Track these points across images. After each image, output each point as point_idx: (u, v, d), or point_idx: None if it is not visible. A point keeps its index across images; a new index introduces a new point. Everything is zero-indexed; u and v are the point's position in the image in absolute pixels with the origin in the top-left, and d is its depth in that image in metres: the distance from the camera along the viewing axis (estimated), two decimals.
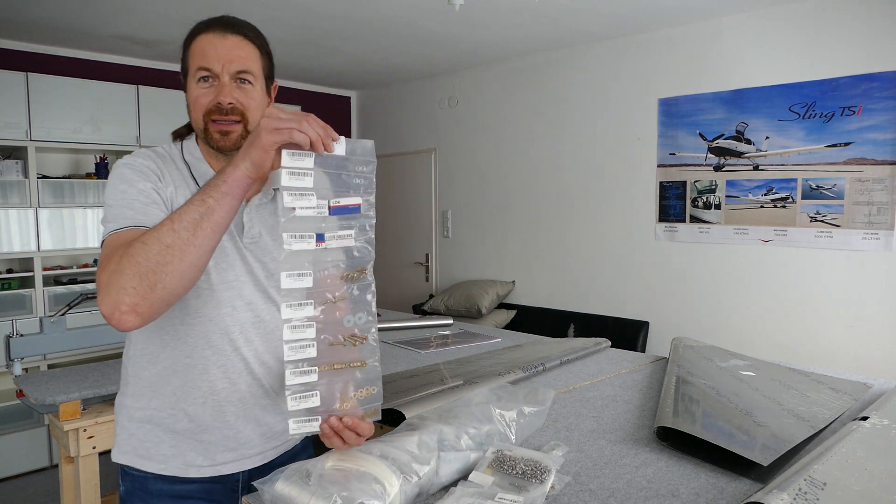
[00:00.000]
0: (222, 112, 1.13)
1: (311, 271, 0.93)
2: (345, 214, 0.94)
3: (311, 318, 0.94)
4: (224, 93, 1.12)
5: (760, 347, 3.46)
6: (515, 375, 1.73)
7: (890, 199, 3.07)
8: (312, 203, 0.92)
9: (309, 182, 0.91)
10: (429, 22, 3.64)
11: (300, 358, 0.93)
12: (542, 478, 1.02)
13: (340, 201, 0.94)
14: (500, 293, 4.61)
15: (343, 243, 0.94)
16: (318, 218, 0.93)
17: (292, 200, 0.90)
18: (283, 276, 0.91)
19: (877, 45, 3.06)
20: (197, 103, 1.14)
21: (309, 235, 0.92)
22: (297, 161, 0.91)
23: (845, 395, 1.54)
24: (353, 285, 0.96)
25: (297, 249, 0.91)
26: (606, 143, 4.12)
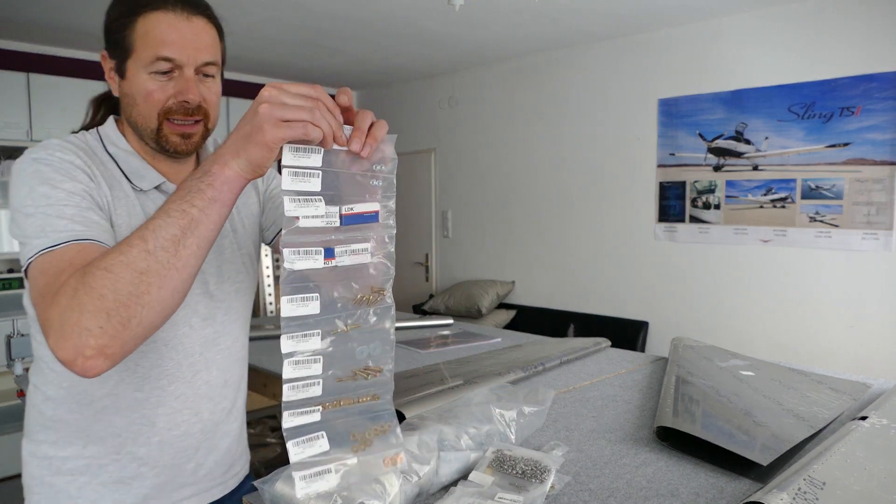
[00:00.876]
0: (186, 112, 0.95)
1: (319, 294, 0.76)
2: (359, 224, 0.77)
3: (317, 353, 0.77)
4: (191, 89, 0.94)
5: (760, 347, 3.46)
6: (515, 375, 1.73)
7: (889, 199, 3.07)
8: (320, 211, 0.74)
9: (316, 184, 0.74)
10: (429, 22, 3.64)
11: (301, 398, 0.76)
12: (542, 478, 1.02)
13: (354, 208, 0.77)
14: (500, 293, 4.62)
15: (357, 259, 0.77)
16: (327, 229, 0.76)
17: (295, 208, 0.73)
18: (284, 302, 0.74)
19: (876, 46, 3.06)
20: (151, 98, 0.94)
21: (316, 251, 0.75)
22: (301, 158, 0.73)
23: (845, 394, 1.54)
24: (368, 310, 0.79)
25: (300, 269, 0.75)
26: (606, 143, 4.12)
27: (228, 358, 1.09)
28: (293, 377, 0.76)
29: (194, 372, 1.04)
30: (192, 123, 0.97)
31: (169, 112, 0.95)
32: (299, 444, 0.75)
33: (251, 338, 2.37)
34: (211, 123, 1.00)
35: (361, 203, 0.78)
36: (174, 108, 0.95)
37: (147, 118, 0.96)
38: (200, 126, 0.99)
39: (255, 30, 3.80)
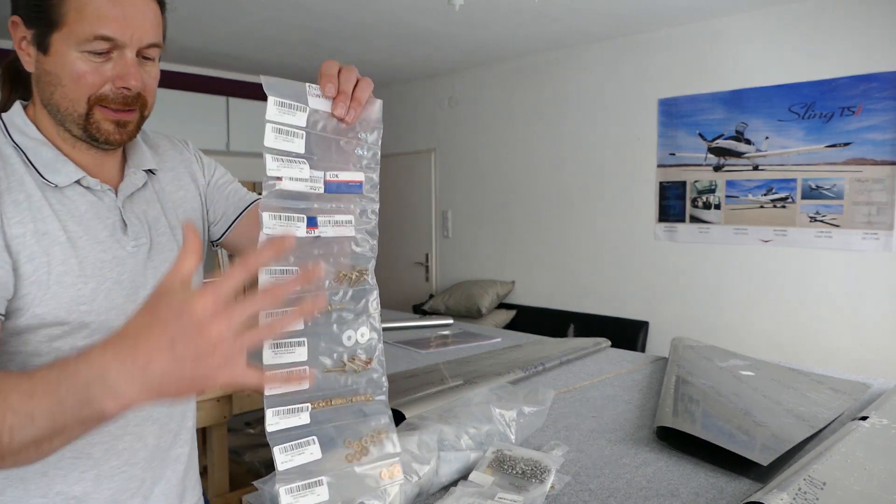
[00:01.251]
0: (125, 101, 0.83)
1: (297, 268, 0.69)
2: (343, 193, 0.72)
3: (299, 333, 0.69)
4: (133, 75, 0.82)
5: (760, 347, 3.46)
6: (515, 375, 1.73)
7: (889, 199, 3.07)
8: (305, 174, 0.69)
9: (300, 145, 0.69)
10: (429, 22, 3.64)
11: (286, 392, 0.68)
12: (542, 477, 1.02)
13: (339, 175, 0.71)
14: (500, 293, 4.62)
15: (340, 232, 0.72)
16: (310, 195, 0.70)
17: (279, 167, 0.67)
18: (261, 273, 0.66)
19: (876, 46, 3.06)
20: (82, 82, 0.80)
21: (298, 218, 0.69)
22: (286, 115, 0.68)
23: (845, 394, 1.54)
24: (349, 290, 0.73)
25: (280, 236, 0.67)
26: (606, 143, 4.12)
27: None
28: (275, 363, 0.66)
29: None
30: (127, 111, 0.84)
31: (103, 99, 0.81)
32: (287, 451, 0.66)
33: None
34: (147, 111, 0.88)
35: (346, 171, 0.72)
36: (111, 95, 0.81)
37: (74, 102, 0.81)
38: (136, 113, 0.86)
39: (255, 30, 3.80)
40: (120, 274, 0.85)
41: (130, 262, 0.87)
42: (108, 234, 0.86)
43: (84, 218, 0.84)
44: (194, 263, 0.57)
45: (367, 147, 0.74)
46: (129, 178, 0.91)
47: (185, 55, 4.42)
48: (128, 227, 0.88)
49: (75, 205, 0.84)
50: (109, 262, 0.85)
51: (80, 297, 0.81)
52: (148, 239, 0.90)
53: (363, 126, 0.73)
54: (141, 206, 0.91)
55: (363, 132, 0.73)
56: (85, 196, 0.85)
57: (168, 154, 1.01)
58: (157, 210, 0.93)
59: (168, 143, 1.03)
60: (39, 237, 0.79)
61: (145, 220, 0.91)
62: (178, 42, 4.04)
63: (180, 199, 0.98)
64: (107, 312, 0.83)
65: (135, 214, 0.90)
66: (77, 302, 0.81)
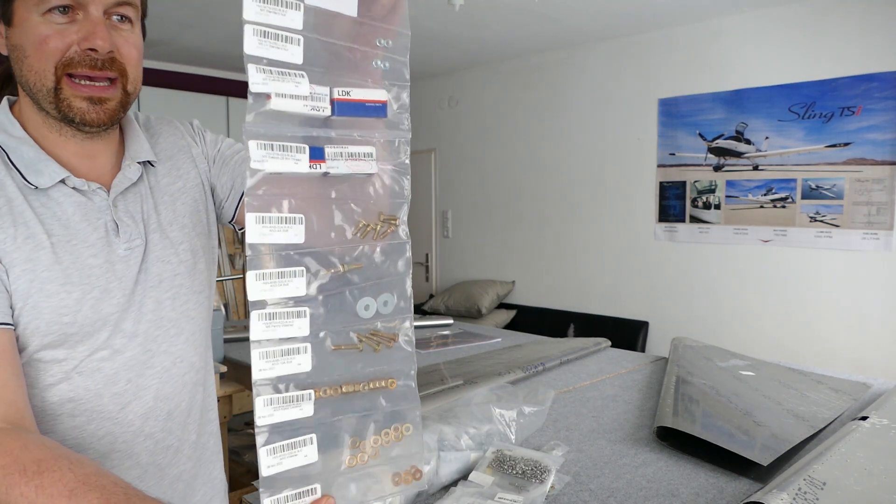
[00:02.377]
0: (94, 65, 0.72)
1: (302, 214, 0.55)
2: (359, 116, 0.56)
3: (301, 300, 0.55)
4: (99, 33, 0.72)
5: (760, 347, 3.46)
6: (515, 375, 1.73)
7: (889, 199, 3.07)
8: (303, 90, 0.53)
9: (296, 53, 0.53)
10: (429, 22, 3.64)
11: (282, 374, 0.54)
12: (542, 478, 1.02)
13: (352, 93, 0.55)
14: (500, 293, 4.62)
15: (357, 168, 0.55)
16: (312, 119, 0.54)
17: (265, 80, 0.52)
18: (250, 222, 0.53)
19: (876, 46, 3.06)
20: (45, 47, 0.71)
21: (298, 148, 0.53)
22: (272, 13, 0.52)
23: (845, 394, 1.54)
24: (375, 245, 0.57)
25: (273, 171, 0.53)
26: (606, 143, 4.12)
27: (171, 383, 0.86)
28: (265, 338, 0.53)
29: (122, 405, 0.81)
30: (104, 84, 0.75)
31: (70, 65, 0.72)
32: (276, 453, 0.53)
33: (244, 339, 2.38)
34: (130, 84, 0.78)
35: (362, 87, 0.55)
36: (77, 59, 0.72)
37: (41, 74, 0.73)
38: (116, 89, 0.76)
39: None
40: (109, 281, 0.79)
41: (121, 266, 0.81)
42: (98, 236, 0.79)
43: (71, 220, 0.78)
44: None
45: (391, 58, 0.56)
46: (123, 172, 0.83)
47: (185, 55, 4.42)
48: (120, 228, 0.81)
49: (61, 207, 0.78)
50: (99, 267, 0.78)
51: (62, 307, 0.75)
52: (142, 239, 0.83)
53: (382, 28, 0.56)
54: (135, 204, 0.84)
55: (382, 38, 0.56)
56: (72, 197, 0.79)
57: (168, 141, 0.93)
58: (150, 205, 0.86)
59: (169, 129, 0.95)
60: (21, 243, 0.74)
61: (140, 219, 0.84)
62: (178, 42, 4.04)
63: (178, 191, 0.90)
64: (92, 324, 0.78)
65: (128, 213, 0.83)
66: (59, 313, 0.75)
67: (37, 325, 0.74)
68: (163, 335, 0.85)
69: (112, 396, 0.81)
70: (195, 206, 0.92)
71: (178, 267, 0.87)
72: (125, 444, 0.83)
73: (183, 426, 0.89)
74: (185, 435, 0.90)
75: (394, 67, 0.57)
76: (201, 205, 0.93)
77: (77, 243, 0.78)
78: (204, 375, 0.94)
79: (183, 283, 0.88)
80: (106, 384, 0.81)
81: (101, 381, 0.80)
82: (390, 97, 0.57)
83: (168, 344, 0.86)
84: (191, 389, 0.90)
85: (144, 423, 0.84)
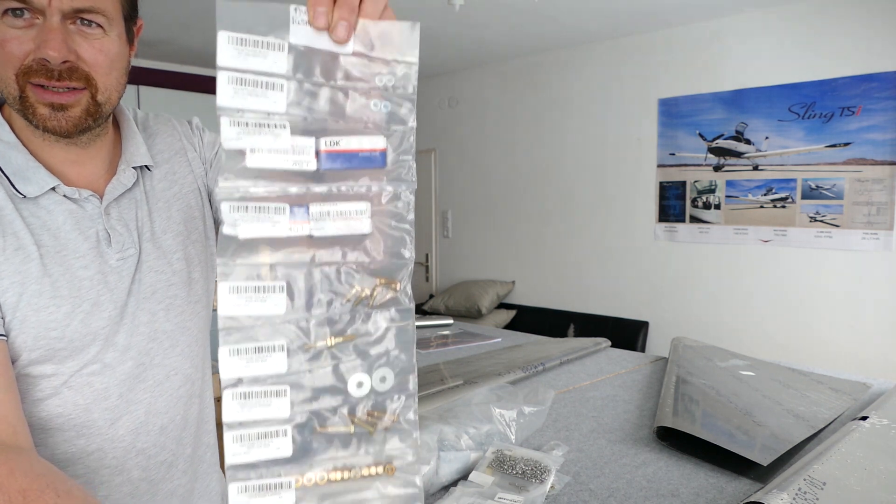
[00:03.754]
0: (50, 75, 0.69)
1: (284, 281, 0.48)
2: (352, 169, 0.48)
3: (280, 379, 0.48)
4: (51, 42, 0.68)
5: (760, 347, 3.46)
6: (515, 375, 1.73)
7: (889, 199, 3.07)
8: (283, 143, 0.46)
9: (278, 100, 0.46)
10: (429, 22, 3.64)
11: (259, 459, 0.47)
12: (542, 478, 1.02)
13: (341, 142, 0.48)
14: (500, 293, 4.62)
15: (349, 228, 0.48)
16: (294, 175, 0.47)
17: (239, 134, 0.45)
18: (222, 291, 0.46)
19: (876, 46, 3.06)
20: (3, 52, 0.69)
21: (276, 208, 0.47)
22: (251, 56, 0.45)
23: (845, 394, 1.54)
24: (371, 314, 0.50)
25: (247, 237, 0.46)
26: (606, 143, 4.12)
27: (163, 397, 0.83)
28: (236, 421, 0.46)
29: (112, 420, 0.79)
30: (64, 91, 0.70)
31: (28, 73, 0.69)
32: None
33: None
34: (100, 95, 0.73)
35: (354, 135, 0.48)
36: (35, 67, 0.68)
37: (5, 81, 0.70)
38: (81, 96, 0.71)
39: None
40: (100, 294, 0.76)
41: (113, 277, 0.78)
42: (89, 246, 0.76)
43: (62, 230, 0.75)
44: None
45: (392, 96, 0.48)
46: (118, 178, 0.80)
47: (185, 55, 4.42)
48: (112, 238, 0.78)
49: (52, 216, 0.75)
50: (90, 279, 0.76)
51: (50, 321, 0.73)
52: (136, 248, 0.80)
53: (382, 63, 0.48)
54: (130, 211, 0.81)
55: (382, 73, 0.48)
56: (62, 205, 0.76)
57: (165, 143, 0.90)
58: (144, 212, 0.83)
59: (166, 130, 0.91)
60: (10, 255, 0.71)
61: (135, 227, 0.81)
62: (179, 42, 4.04)
63: (172, 197, 0.87)
64: (81, 339, 0.75)
65: (122, 221, 0.80)
66: (47, 327, 0.73)
67: (24, 340, 0.72)
68: (156, 348, 0.83)
69: (102, 412, 0.79)
70: (190, 212, 0.88)
71: (171, 277, 0.84)
72: (115, 460, 0.80)
73: (177, 440, 0.87)
74: (179, 449, 0.87)
75: (396, 108, 0.49)
76: (197, 210, 0.90)
77: (67, 254, 0.75)
78: (201, 387, 0.91)
79: (178, 294, 0.85)
80: (96, 399, 0.78)
81: (91, 396, 0.78)
82: (389, 144, 0.49)
83: (162, 357, 0.83)
84: (186, 402, 0.88)
85: (136, 438, 0.82)
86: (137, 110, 0.91)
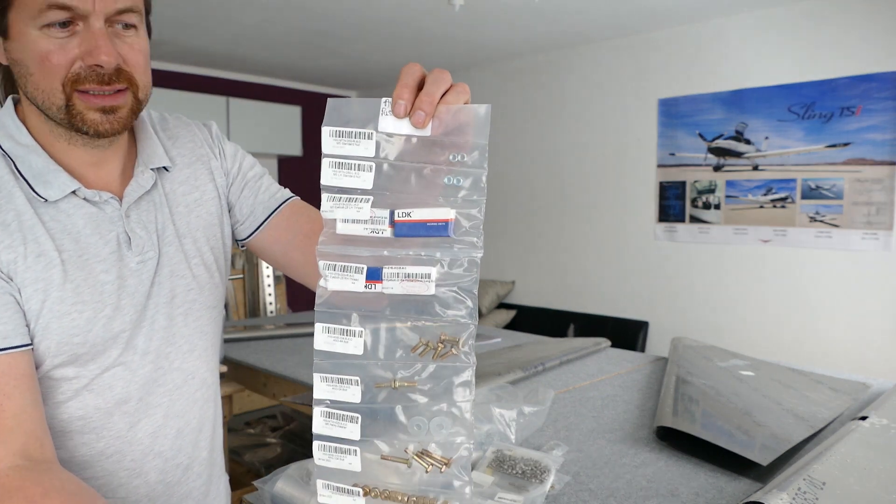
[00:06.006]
0: (101, 80, 0.69)
1: (363, 328, 0.57)
2: (421, 237, 0.56)
3: (354, 407, 0.58)
4: (103, 48, 0.68)
5: (760, 347, 3.46)
6: (515, 375, 1.73)
7: (889, 199, 3.07)
8: (363, 214, 0.56)
9: (366, 180, 0.56)
10: (429, 22, 3.64)
11: (335, 468, 0.58)
12: (541, 477, 1.02)
13: (412, 214, 0.56)
14: (499, 293, 4.62)
15: (413, 289, 0.55)
16: (374, 240, 0.57)
17: (332, 208, 0.56)
18: (318, 330, 0.57)
19: (876, 46, 3.06)
20: (48, 64, 0.68)
21: (356, 269, 0.56)
22: (347, 145, 0.56)
23: (844, 394, 1.54)
24: (433, 367, 0.56)
25: (334, 289, 0.57)
26: (606, 143, 4.12)
27: (181, 400, 0.85)
28: (324, 433, 0.57)
29: (131, 423, 0.80)
30: (115, 94, 0.72)
31: (78, 81, 0.69)
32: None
33: (250, 338, 2.37)
34: (141, 92, 0.75)
35: (424, 208, 0.55)
36: (84, 74, 0.69)
37: (49, 93, 0.70)
38: (127, 96, 0.73)
39: (255, 30, 3.81)
40: (120, 297, 0.76)
41: (133, 280, 0.78)
42: (110, 250, 0.76)
43: (82, 234, 0.75)
44: None
45: (462, 173, 0.56)
46: (136, 180, 0.80)
47: (185, 55, 4.42)
48: (132, 241, 0.78)
49: (72, 220, 0.75)
50: (111, 283, 0.76)
51: (73, 327, 0.73)
52: (156, 251, 0.80)
53: (455, 144, 0.56)
54: (149, 213, 0.81)
55: (455, 153, 0.56)
56: (82, 208, 0.76)
57: (186, 148, 0.89)
58: (165, 215, 0.83)
59: (187, 134, 0.91)
60: (32, 262, 0.71)
61: (154, 230, 0.81)
62: (179, 42, 4.04)
63: (193, 203, 0.87)
64: (103, 343, 0.75)
65: (141, 223, 0.79)
66: (70, 333, 0.73)
67: (47, 346, 0.72)
68: (175, 352, 0.83)
69: (122, 415, 0.79)
70: (210, 219, 0.89)
71: (191, 282, 0.85)
72: (133, 462, 0.81)
73: (194, 443, 0.88)
74: (195, 452, 0.88)
75: (468, 181, 0.56)
76: (216, 218, 0.90)
77: (89, 258, 0.75)
78: (215, 391, 0.92)
79: (196, 299, 0.85)
80: (116, 402, 0.79)
81: (112, 399, 0.78)
82: (458, 215, 0.55)
83: (180, 361, 0.84)
84: (202, 406, 0.88)
85: (154, 441, 0.82)
86: (151, 112, 0.91)
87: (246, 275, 3.82)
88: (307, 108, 5.34)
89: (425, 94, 0.55)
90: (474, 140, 0.57)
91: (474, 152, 0.57)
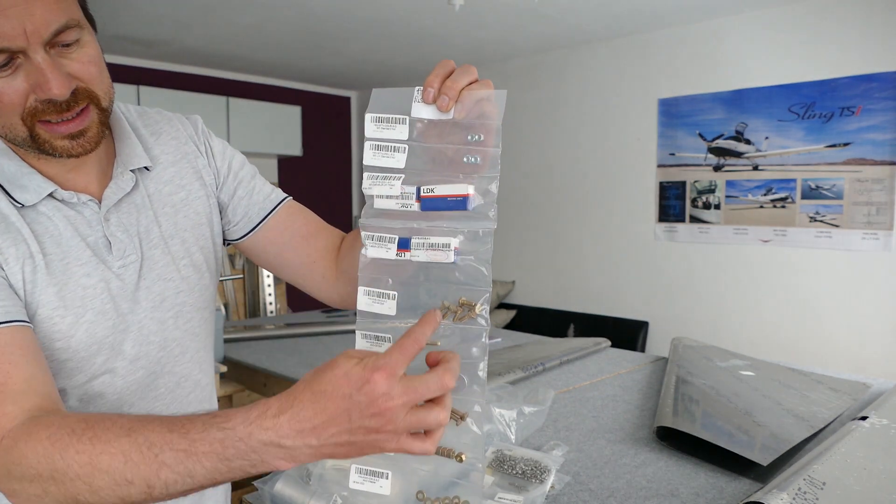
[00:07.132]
0: (59, 109, 0.67)
1: (395, 292, 0.65)
2: (442, 211, 0.63)
3: None
4: (51, 80, 0.65)
5: (760, 347, 3.46)
6: (515, 375, 1.73)
7: (889, 199, 3.07)
8: (395, 190, 0.64)
9: (400, 160, 0.64)
10: (429, 22, 3.64)
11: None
12: (541, 478, 1.02)
13: (435, 189, 0.63)
14: (499, 293, 4.62)
15: (435, 257, 0.63)
16: (406, 213, 0.64)
17: (371, 185, 0.64)
18: (360, 292, 0.65)
19: (876, 46, 3.06)
20: (1, 103, 0.66)
21: (390, 239, 0.64)
22: (385, 130, 0.64)
23: (844, 394, 1.54)
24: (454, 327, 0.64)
25: (372, 257, 0.65)
26: (606, 143, 4.12)
27: (174, 404, 0.83)
28: None
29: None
30: (75, 117, 0.69)
31: (36, 114, 0.67)
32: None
33: (250, 338, 2.37)
34: (104, 101, 0.72)
35: (447, 184, 0.62)
36: (41, 108, 0.67)
37: (10, 128, 0.68)
38: (90, 113, 0.70)
39: (255, 30, 3.80)
40: (104, 303, 0.74)
41: (116, 284, 0.76)
42: (91, 253, 0.74)
43: (63, 237, 0.73)
44: (408, 360, 0.54)
45: (481, 152, 0.62)
46: (116, 182, 0.77)
47: (185, 55, 4.42)
48: (112, 245, 0.75)
49: (52, 222, 0.73)
50: (93, 287, 0.74)
51: (54, 332, 0.71)
52: (138, 255, 0.78)
53: (474, 126, 0.62)
54: (130, 216, 0.78)
55: (473, 134, 0.62)
56: (61, 211, 0.74)
57: (170, 145, 0.86)
58: (149, 217, 0.80)
59: (171, 130, 0.88)
60: (22, 264, 0.69)
61: (135, 232, 0.78)
62: (179, 42, 4.04)
63: (180, 203, 0.84)
64: (87, 349, 0.73)
65: (122, 227, 0.77)
66: (51, 338, 0.71)
67: None
68: (167, 356, 0.82)
69: None
70: (198, 219, 0.86)
71: (180, 284, 0.83)
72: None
73: None
74: None
75: (486, 161, 0.62)
76: (204, 217, 0.87)
77: (70, 262, 0.73)
78: (209, 392, 0.91)
79: (186, 301, 0.84)
80: (109, 411, 0.77)
81: (103, 407, 0.76)
82: (475, 191, 0.62)
83: (172, 364, 0.82)
84: (196, 408, 0.87)
85: None
86: (130, 106, 0.88)
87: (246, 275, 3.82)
88: (307, 107, 5.34)
89: (451, 81, 0.63)
90: (490, 122, 0.62)
91: (490, 133, 0.62)
